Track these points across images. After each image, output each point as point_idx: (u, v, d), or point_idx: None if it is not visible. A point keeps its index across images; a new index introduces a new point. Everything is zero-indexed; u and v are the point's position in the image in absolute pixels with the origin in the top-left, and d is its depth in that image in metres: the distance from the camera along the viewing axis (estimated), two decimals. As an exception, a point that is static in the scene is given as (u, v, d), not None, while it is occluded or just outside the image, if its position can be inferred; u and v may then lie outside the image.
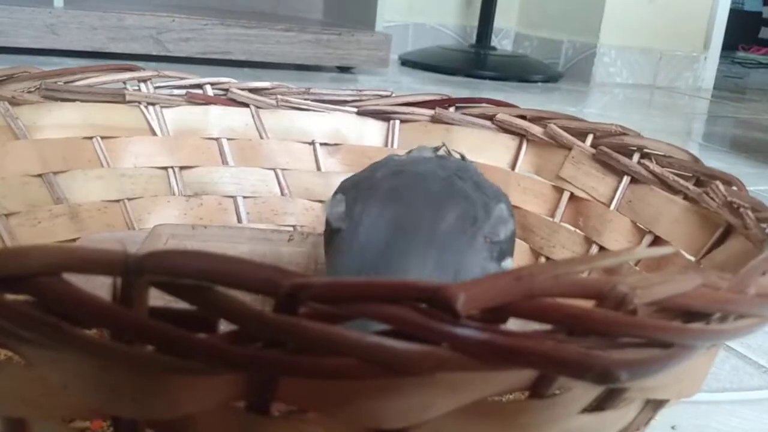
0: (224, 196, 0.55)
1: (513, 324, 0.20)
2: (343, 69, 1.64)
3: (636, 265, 0.43)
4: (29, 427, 0.23)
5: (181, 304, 0.19)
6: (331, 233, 0.36)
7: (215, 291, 0.18)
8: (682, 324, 0.21)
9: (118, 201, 0.52)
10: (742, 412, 0.42)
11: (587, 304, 0.20)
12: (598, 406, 0.24)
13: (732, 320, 0.23)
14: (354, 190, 0.37)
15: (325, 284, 0.18)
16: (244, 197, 0.56)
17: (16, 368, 0.21)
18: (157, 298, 0.19)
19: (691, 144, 1.27)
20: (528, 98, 1.54)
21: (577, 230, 0.50)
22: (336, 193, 0.39)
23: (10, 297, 0.18)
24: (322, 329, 0.18)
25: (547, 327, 0.20)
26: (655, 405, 0.27)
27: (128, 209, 0.52)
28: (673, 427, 0.39)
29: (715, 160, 1.11)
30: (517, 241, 0.52)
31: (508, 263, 0.37)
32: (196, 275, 0.18)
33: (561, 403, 0.23)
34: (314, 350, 0.18)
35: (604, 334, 0.19)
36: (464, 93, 0.60)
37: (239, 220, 0.55)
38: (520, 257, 0.51)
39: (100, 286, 0.19)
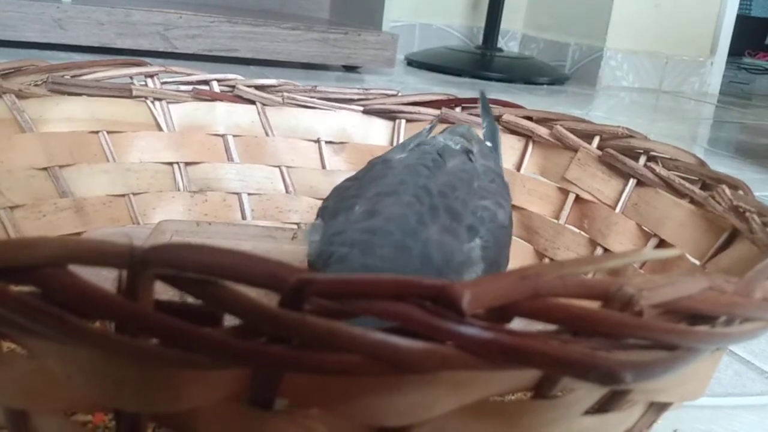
0: (229, 193, 0.55)
1: (517, 324, 0.19)
2: (349, 68, 1.64)
3: (641, 268, 0.43)
4: (31, 418, 0.23)
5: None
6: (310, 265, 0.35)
7: (220, 285, 0.18)
8: (688, 326, 0.21)
9: (123, 196, 0.52)
10: (744, 417, 0.42)
11: (592, 304, 0.20)
12: (602, 407, 0.24)
13: (737, 324, 0.23)
14: (330, 218, 0.36)
15: (331, 280, 0.18)
16: (249, 194, 0.56)
17: (19, 360, 0.21)
18: (160, 294, 0.19)
19: (696, 149, 1.27)
20: (534, 100, 1.54)
21: (582, 232, 0.50)
22: (317, 217, 0.39)
23: (15, 288, 0.18)
24: (326, 325, 0.18)
25: (552, 327, 0.20)
26: (658, 408, 0.27)
27: (133, 204, 0.52)
28: (675, 431, 0.39)
29: (720, 166, 1.10)
30: (522, 242, 0.52)
31: None
32: (201, 269, 0.18)
33: (564, 405, 0.23)
34: (318, 346, 0.18)
35: (610, 335, 0.19)
36: (470, 94, 0.61)
37: (243, 217, 0.55)
38: (524, 258, 0.51)
39: (104, 281, 0.19)
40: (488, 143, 0.47)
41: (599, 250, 0.48)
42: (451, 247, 0.34)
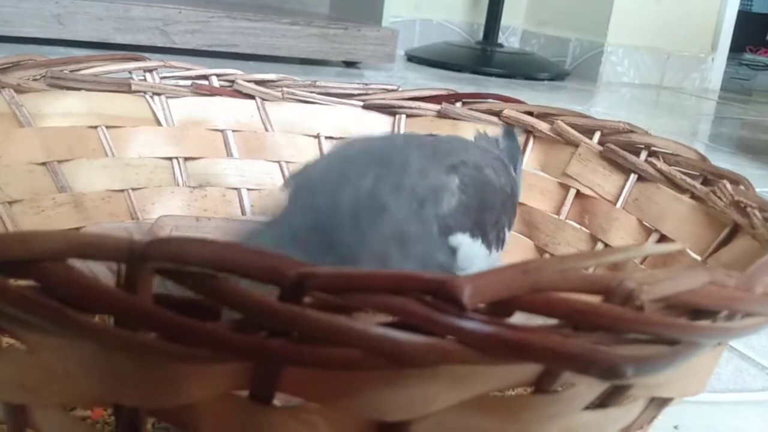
0: (228, 188, 0.55)
1: (518, 318, 0.19)
2: (349, 64, 1.64)
3: (641, 263, 0.42)
4: (30, 413, 0.23)
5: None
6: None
7: (220, 279, 0.18)
8: (689, 321, 0.21)
9: (122, 191, 0.52)
10: (744, 413, 0.42)
11: (593, 299, 0.20)
12: (602, 403, 0.24)
13: (738, 319, 0.23)
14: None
15: (331, 274, 0.18)
16: (248, 189, 0.56)
17: (19, 354, 0.21)
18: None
19: (697, 145, 1.27)
20: (534, 96, 1.53)
21: (583, 228, 0.50)
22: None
23: (14, 282, 0.18)
24: (326, 319, 0.18)
25: (553, 321, 0.20)
26: (659, 403, 0.27)
27: (132, 199, 0.52)
28: (675, 427, 0.39)
29: (721, 162, 1.10)
30: (522, 237, 0.52)
31: (460, 240, 0.35)
32: (201, 263, 0.18)
33: (565, 400, 0.23)
34: (319, 340, 0.18)
35: (611, 330, 0.19)
36: (470, 90, 0.61)
37: (243, 213, 0.55)
38: (524, 254, 0.51)
39: (103, 277, 0.19)
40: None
41: (600, 246, 0.48)
42: (428, 171, 0.34)
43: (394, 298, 0.18)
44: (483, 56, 1.91)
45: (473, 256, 0.35)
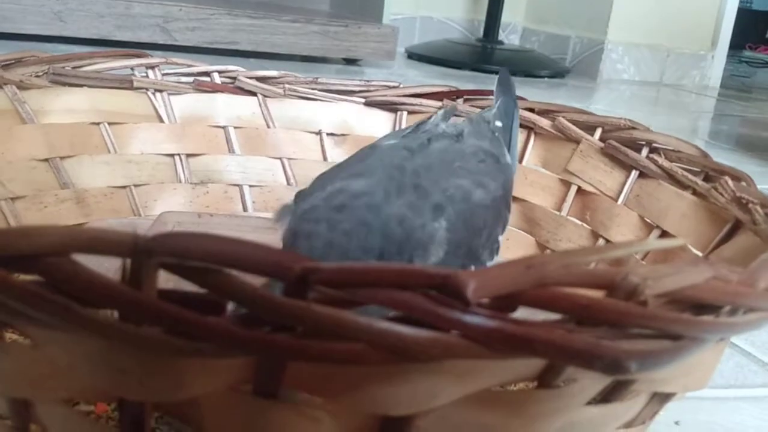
0: (230, 185, 0.55)
1: (521, 313, 0.19)
2: (350, 61, 1.64)
3: (643, 259, 0.42)
4: (33, 408, 0.23)
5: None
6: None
7: (225, 274, 0.18)
8: (693, 316, 0.21)
9: (124, 187, 0.52)
10: (746, 409, 0.42)
11: (596, 294, 0.20)
12: (605, 398, 0.24)
13: (741, 314, 0.23)
14: (302, 200, 0.36)
15: (336, 269, 0.18)
16: (250, 186, 0.56)
17: (23, 349, 0.21)
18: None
19: (697, 142, 1.26)
20: (534, 93, 1.53)
21: (584, 224, 0.50)
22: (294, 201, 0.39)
23: (19, 277, 0.18)
24: (331, 314, 0.18)
25: (556, 316, 0.20)
26: (661, 398, 0.27)
27: (134, 196, 0.52)
28: (676, 423, 0.39)
29: (721, 159, 1.10)
30: (523, 234, 0.52)
31: None
32: (205, 258, 0.18)
33: (568, 394, 0.23)
34: (323, 335, 0.18)
35: (615, 325, 0.19)
36: (470, 87, 0.61)
37: (245, 209, 0.55)
38: (525, 250, 0.51)
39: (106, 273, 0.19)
40: (499, 123, 0.46)
41: (601, 242, 0.48)
42: (412, 224, 0.34)
43: (399, 292, 0.18)
44: (483, 53, 1.91)
45: None
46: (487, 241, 0.37)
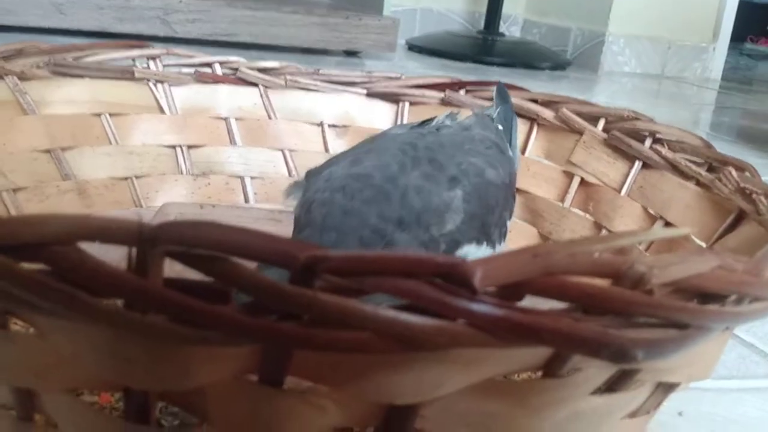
0: (232, 176, 0.55)
1: (528, 302, 0.19)
2: (350, 53, 1.64)
3: (646, 250, 0.42)
4: (38, 398, 0.23)
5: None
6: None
7: (231, 262, 0.18)
8: (699, 305, 0.21)
9: (125, 178, 0.52)
10: (748, 400, 0.42)
11: (600, 283, 0.20)
12: (610, 387, 0.24)
13: (747, 303, 0.23)
14: (314, 176, 0.37)
15: (342, 257, 0.18)
16: (252, 177, 0.56)
17: (28, 339, 0.21)
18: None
19: (698, 134, 1.26)
20: (535, 86, 1.53)
21: (587, 215, 0.50)
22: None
23: (25, 265, 0.18)
24: (337, 302, 0.18)
25: (562, 305, 0.20)
26: (666, 388, 0.27)
27: (136, 187, 0.52)
28: (679, 413, 0.39)
29: (722, 151, 1.10)
30: (526, 225, 0.52)
31: (467, 250, 0.34)
32: (211, 246, 0.18)
33: (573, 384, 0.23)
34: (329, 323, 0.18)
35: (621, 313, 0.19)
36: (471, 79, 0.60)
37: (246, 200, 0.55)
38: (528, 242, 0.51)
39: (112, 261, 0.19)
40: (500, 126, 0.46)
41: (604, 233, 0.48)
42: (429, 193, 0.34)
43: (405, 281, 0.18)
44: (484, 45, 1.90)
45: (480, 257, 0.35)
46: (498, 221, 0.37)
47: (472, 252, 0.35)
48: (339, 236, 0.31)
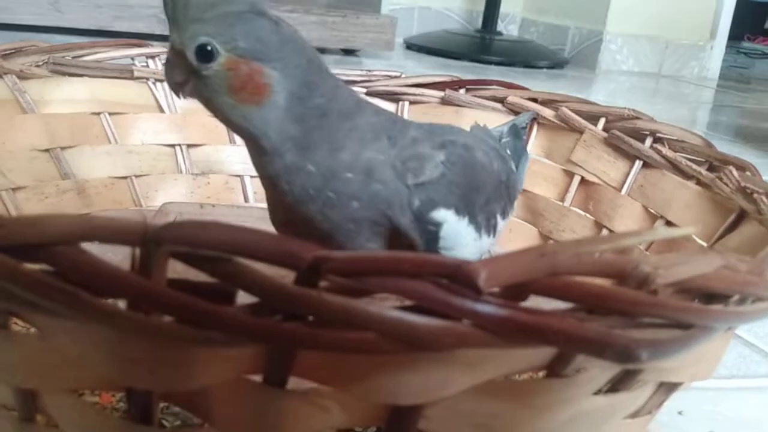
0: (231, 175, 0.55)
1: (531, 302, 0.19)
2: (348, 52, 1.63)
3: (646, 250, 0.42)
4: (40, 398, 0.23)
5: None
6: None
7: (236, 263, 0.18)
8: (703, 305, 0.21)
9: (125, 178, 0.52)
10: (749, 399, 0.42)
11: (602, 283, 0.20)
12: (612, 387, 0.24)
13: (750, 303, 0.23)
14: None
15: (347, 258, 0.18)
16: (252, 176, 0.55)
17: (31, 339, 0.21)
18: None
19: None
20: (533, 84, 1.52)
21: (588, 215, 0.50)
22: None
23: (27, 266, 0.18)
24: (343, 303, 0.18)
25: (567, 305, 0.20)
26: (668, 388, 0.27)
27: (135, 186, 0.52)
28: (680, 413, 0.39)
29: (720, 150, 1.10)
30: (526, 224, 0.52)
31: (444, 215, 0.34)
32: (216, 246, 0.18)
33: (576, 384, 0.23)
34: (334, 324, 0.18)
35: (626, 314, 0.19)
36: (470, 78, 0.60)
37: (246, 200, 0.55)
38: (528, 241, 0.51)
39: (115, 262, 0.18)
40: (508, 152, 0.46)
41: (605, 233, 0.48)
42: (418, 142, 0.34)
43: (410, 281, 0.18)
44: (482, 44, 1.90)
45: (459, 235, 0.34)
46: (485, 205, 0.36)
47: (451, 220, 0.34)
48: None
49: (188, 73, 0.31)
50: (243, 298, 0.18)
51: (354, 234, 0.33)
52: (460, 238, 0.35)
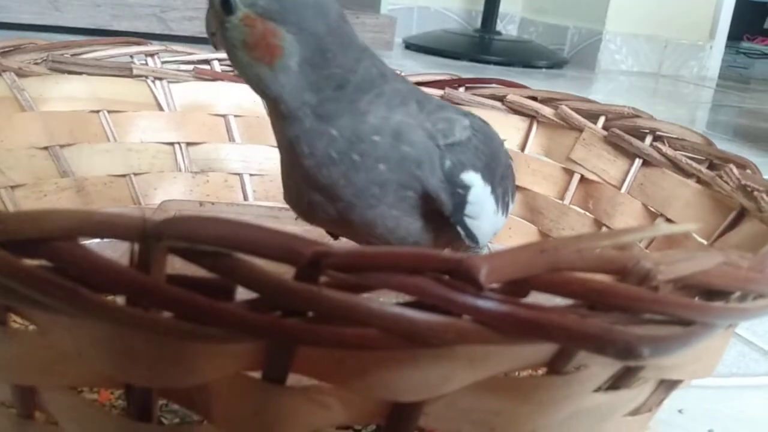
0: (230, 174, 0.55)
1: (532, 298, 0.19)
2: (348, 51, 1.63)
3: (646, 247, 0.42)
4: (39, 395, 0.23)
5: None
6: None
7: (235, 258, 0.18)
8: (705, 302, 0.21)
9: (124, 176, 0.52)
10: (748, 398, 0.42)
11: (603, 279, 0.20)
12: (613, 385, 0.24)
13: (751, 300, 0.23)
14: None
15: (347, 253, 0.18)
16: (251, 175, 0.55)
17: (29, 336, 0.21)
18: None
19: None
20: (532, 84, 1.52)
21: (587, 213, 0.49)
22: None
23: (26, 261, 0.18)
24: (343, 298, 0.17)
25: (568, 301, 0.19)
26: (668, 386, 0.27)
27: (134, 184, 0.52)
28: (680, 411, 0.39)
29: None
30: (526, 223, 0.52)
31: (472, 179, 0.33)
32: (216, 242, 0.18)
33: (577, 381, 0.22)
34: (334, 320, 0.18)
35: (627, 310, 0.19)
36: (469, 77, 0.61)
37: (245, 198, 0.55)
38: (528, 239, 0.51)
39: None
40: None
41: (605, 231, 0.48)
42: (442, 107, 0.34)
43: (411, 277, 0.18)
44: (481, 44, 1.90)
45: (483, 202, 0.34)
46: (502, 181, 0.36)
47: (478, 184, 0.34)
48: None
49: (218, 25, 0.31)
50: (242, 294, 0.18)
51: (378, 199, 0.32)
52: (486, 206, 0.34)
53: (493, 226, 0.36)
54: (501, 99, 0.54)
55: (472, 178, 0.33)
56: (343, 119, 0.31)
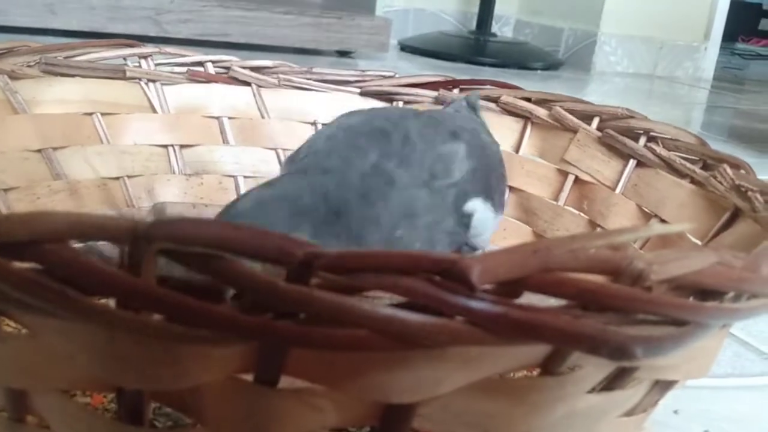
0: (225, 176, 0.55)
1: (525, 299, 0.19)
2: (342, 53, 1.63)
3: (641, 248, 0.42)
4: (30, 398, 0.23)
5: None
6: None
7: (226, 260, 0.18)
8: (698, 302, 0.21)
9: (117, 178, 0.51)
10: (743, 398, 0.42)
11: (597, 279, 0.20)
12: (607, 386, 0.24)
13: (744, 300, 0.23)
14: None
15: (339, 255, 0.18)
16: (245, 177, 0.55)
17: (20, 339, 0.21)
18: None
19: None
20: (528, 86, 1.52)
21: (582, 214, 0.49)
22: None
23: (16, 264, 0.18)
24: (334, 300, 0.17)
25: (561, 302, 0.19)
26: (663, 386, 0.27)
27: (128, 187, 0.52)
28: (675, 412, 0.39)
29: (715, 149, 1.10)
30: (520, 224, 0.52)
31: (475, 205, 0.35)
32: (206, 243, 0.17)
33: (571, 382, 0.22)
34: (326, 321, 0.18)
35: (620, 310, 0.19)
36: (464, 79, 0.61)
37: (240, 200, 0.55)
38: (522, 240, 0.51)
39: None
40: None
41: (599, 231, 0.48)
42: (433, 141, 0.35)
43: (403, 278, 0.18)
44: (476, 46, 1.90)
45: (486, 219, 0.36)
46: (497, 185, 0.37)
47: (480, 208, 0.35)
48: (342, 166, 0.32)
49: None
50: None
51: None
52: (486, 222, 0.36)
53: (493, 229, 0.37)
54: (495, 100, 0.54)
55: (474, 204, 0.35)
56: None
